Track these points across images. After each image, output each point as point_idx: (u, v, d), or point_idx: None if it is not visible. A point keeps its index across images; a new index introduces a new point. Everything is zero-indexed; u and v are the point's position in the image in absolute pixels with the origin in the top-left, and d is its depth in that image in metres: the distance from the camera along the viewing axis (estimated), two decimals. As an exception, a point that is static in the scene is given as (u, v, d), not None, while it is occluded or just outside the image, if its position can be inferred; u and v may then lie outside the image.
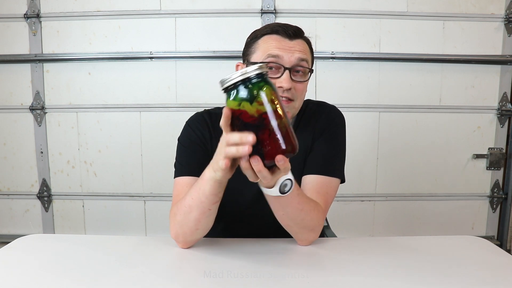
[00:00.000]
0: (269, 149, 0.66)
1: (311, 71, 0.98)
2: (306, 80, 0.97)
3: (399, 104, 2.00)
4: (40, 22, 1.97)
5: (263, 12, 1.92)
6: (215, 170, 0.77)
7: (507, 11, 1.94)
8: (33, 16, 1.95)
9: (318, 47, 1.96)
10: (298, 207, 0.86)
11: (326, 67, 1.97)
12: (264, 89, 0.66)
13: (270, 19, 1.92)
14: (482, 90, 2.00)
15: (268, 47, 0.95)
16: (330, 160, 1.00)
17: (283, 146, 0.65)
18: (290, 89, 0.93)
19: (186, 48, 1.97)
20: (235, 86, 0.66)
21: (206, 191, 0.82)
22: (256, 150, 0.66)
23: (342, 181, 1.03)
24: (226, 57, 1.91)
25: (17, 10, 1.95)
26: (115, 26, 1.97)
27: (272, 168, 0.69)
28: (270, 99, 0.66)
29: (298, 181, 1.03)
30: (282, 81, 0.92)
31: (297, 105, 0.97)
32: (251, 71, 0.66)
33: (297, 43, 0.96)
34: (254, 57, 0.97)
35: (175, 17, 1.95)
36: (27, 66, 2.00)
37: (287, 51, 0.94)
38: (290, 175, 0.76)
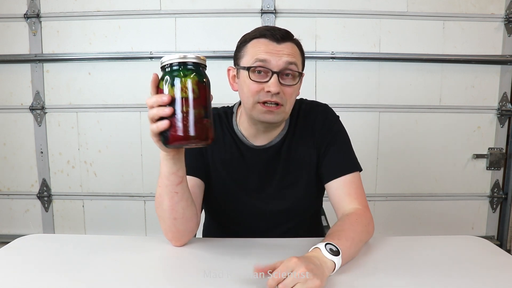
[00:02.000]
0: (173, 132, 0.70)
1: (301, 74, 0.97)
2: (296, 84, 0.96)
3: (399, 104, 2.00)
4: (40, 22, 1.97)
5: (263, 12, 1.92)
6: (162, 149, 0.80)
7: (507, 11, 1.94)
8: (33, 16, 1.95)
9: (318, 47, 1.96)
10: (355, 244, 0.85)
11: (326, 67, 1.97)
12: (189, 76, 0.70)
13: (270, 19, 1.92)
14: (482, 90, 2.00)
15: (256, 51, 0.94)
16: (345, 158, 1.02)
17: (191, 133, 0.70)
18: (278, 93, 0.92)
19: (186, 48, 1.96)
20: (170, 65, 0.71)
21: (166, 172, 0.84)
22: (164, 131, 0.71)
23: (360, 170, 1.03)
24: (226, 57, 1.91)
25: (17, 10, 1.95)
26: (115, 26, 1.97)
27: None
28: (191, 88, 0.70)
29: (301, 182, 1.03)
30: (270, 85, 0.92)
31: (287, 109, 0.96)
32: (187, 58, 0.70)
33: (286, 47, 0.94)
34: (243, 61, 0.96)
35: (175, 17, 1.95)
36: (27, 66, 2.00)
37: (275, 55, 0.93)
38: (319, 245, 0.77)
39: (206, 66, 0.73)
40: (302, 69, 0.99)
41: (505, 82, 2.00)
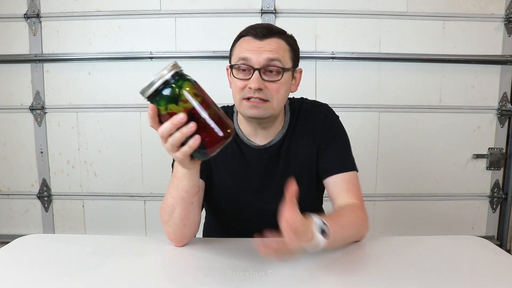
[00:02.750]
0: (208, 140, 0.68)
1: (284, 70, 0.96)
2: (279, 79, 0.96)
3: (399, 104, 2.00)
4: (40, 22, 1.97)
5: (263, 12, 1.92)
6: (189, 168, 0.78)
7: (507, 11, 1.94)
8: (33, 16, 1.95)
9: (318, 47, 1.96)
10: (345, 232, 0.87)
11: (326, 67, 1.97)
12: (185, 86, 0.67)
13: (270, 19, 1.92)
14: (482, 90, 2.00)
15: (240, 49, 0.97)
16: (344, 157, 1.03)
17: (220, 134, 0.68)
18: (261, 89, 0.93)
19: (186, 48, 1.96)
20: (156, 92, 0.67)
21: (185, 185, 0.82)
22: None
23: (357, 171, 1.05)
24: (226, 57, 1.88)
25: (17, 10, 1.95)
26: (115, 26, 1.96)
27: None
28: (193, 94, 0.67)
29: (301, 182, 1.03)
30: (251, 82, 0.93)
31: (275, 105, 0.97)
32: (167, 73, 0.67)
33: (268, 43, 0.95)
34: (232, 60, 1.01)
35: (175, 17, 1.95)
36: (27, 66, 2.00)
37: (255, 52, 0.94)
38: (315, 218, 0.78)
39: (181, 68, 0.71)
40: (295, 65, 1.00)
41: (505, 82, 2.00)
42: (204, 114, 0.67)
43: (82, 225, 2.12)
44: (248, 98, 0.95)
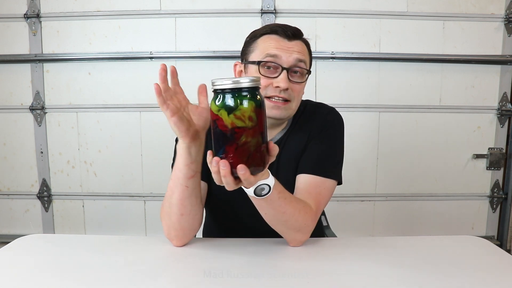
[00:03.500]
0: (231, 161, 0.66)
1: (309, 72, 0.98)
2: (304, 81, 0.97)
3: (399, 104, 2.00)
4: (40, 22, 1.97)
5: (263, 12, 1.92)
6: (181, 137, 0.80)
7: (507, 11, 1.94)
8: (33, 16, 1.95)
9: (318, 47, 1.96)
10: (280, 210, 0.85)
11: (326, 67, 1.97)
12: (246, 104, 0.64)
13: (270, 19, 1.92)
14: (482, 90, 2.00)
15: (267, 46, 0.95)
16: (325, 161, 0.99)
17: (249, 163, 0.66)
18: (287, 89, 0.93)
19: (186, 48, 1.97)
20: (222, 90, 0.65)
21: (181, 163, 0.83)
22: (222, 156, 0.67)
23: (339, 183, 1.02)
24: (226, 57, 1.91)
25: (17, 10, 1.95)
26: (115, 26, 1.97)
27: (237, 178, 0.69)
28: (248, 116, 0.64)
29: (292, 181, 1.03)
30: (280, 81, 0.92)
31: (294, 106, 0.97)
32: (243, 82, 0.64)
33: (296, 44, 0.96)
34: (252, 56, 0.97)
35: (175, 17, 1.95)
36: (27, 66, 2.00)
37: (286, 51, 0.94)
38: (269, 180, 0.76)
39: (259, 86, 0.67)
40: (309, 68, 1.00)
41: (505, 82, 2.00)
42: (244, 140, 0.64)
43: (82, 225, 2.12)
44: (270, 97, 0.94)
